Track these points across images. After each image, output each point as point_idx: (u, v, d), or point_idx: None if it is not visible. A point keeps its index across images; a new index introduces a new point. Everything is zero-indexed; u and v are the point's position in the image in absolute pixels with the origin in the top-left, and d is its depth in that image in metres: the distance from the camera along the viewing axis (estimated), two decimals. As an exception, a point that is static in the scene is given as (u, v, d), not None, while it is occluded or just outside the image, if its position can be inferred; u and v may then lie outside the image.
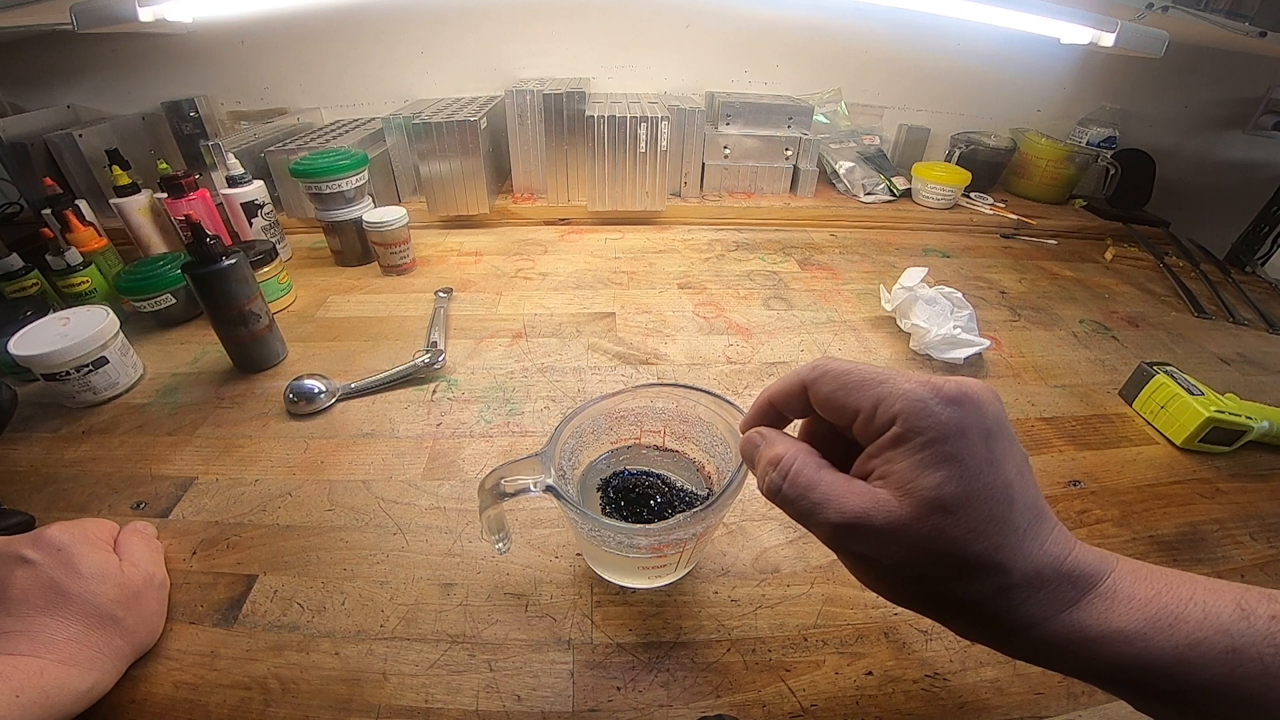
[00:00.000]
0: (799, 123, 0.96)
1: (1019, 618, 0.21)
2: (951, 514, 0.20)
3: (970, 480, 0.20)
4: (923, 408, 0.21)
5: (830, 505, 0.22)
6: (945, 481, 0.20)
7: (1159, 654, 0.20)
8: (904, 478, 0.21)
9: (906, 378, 0.22)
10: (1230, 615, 0.20)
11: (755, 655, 0.35)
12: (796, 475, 0.23)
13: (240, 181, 0.74)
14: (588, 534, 0.33)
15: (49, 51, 0.93)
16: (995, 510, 0.21)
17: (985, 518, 0.20)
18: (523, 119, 0.88)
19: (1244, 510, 0.46)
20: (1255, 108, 1.07)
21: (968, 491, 0.20)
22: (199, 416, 0.52)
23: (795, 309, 0.70)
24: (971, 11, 0.78)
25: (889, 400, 0.22)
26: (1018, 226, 0.97)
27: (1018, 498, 0.21)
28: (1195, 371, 0.55)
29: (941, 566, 0.21)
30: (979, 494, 0.20)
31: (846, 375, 0.23)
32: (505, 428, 0.51)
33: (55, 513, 0.36)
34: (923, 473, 0.21)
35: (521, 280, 0.75)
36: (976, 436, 0.21)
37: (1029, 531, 0.21)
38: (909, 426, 0.21)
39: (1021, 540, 0.21)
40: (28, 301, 0.60)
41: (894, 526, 0.21)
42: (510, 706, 0.32)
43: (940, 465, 0.21)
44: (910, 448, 0.21)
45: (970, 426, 0.21)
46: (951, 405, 0.21)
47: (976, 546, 0.20)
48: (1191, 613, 0.20)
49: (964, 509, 0.20)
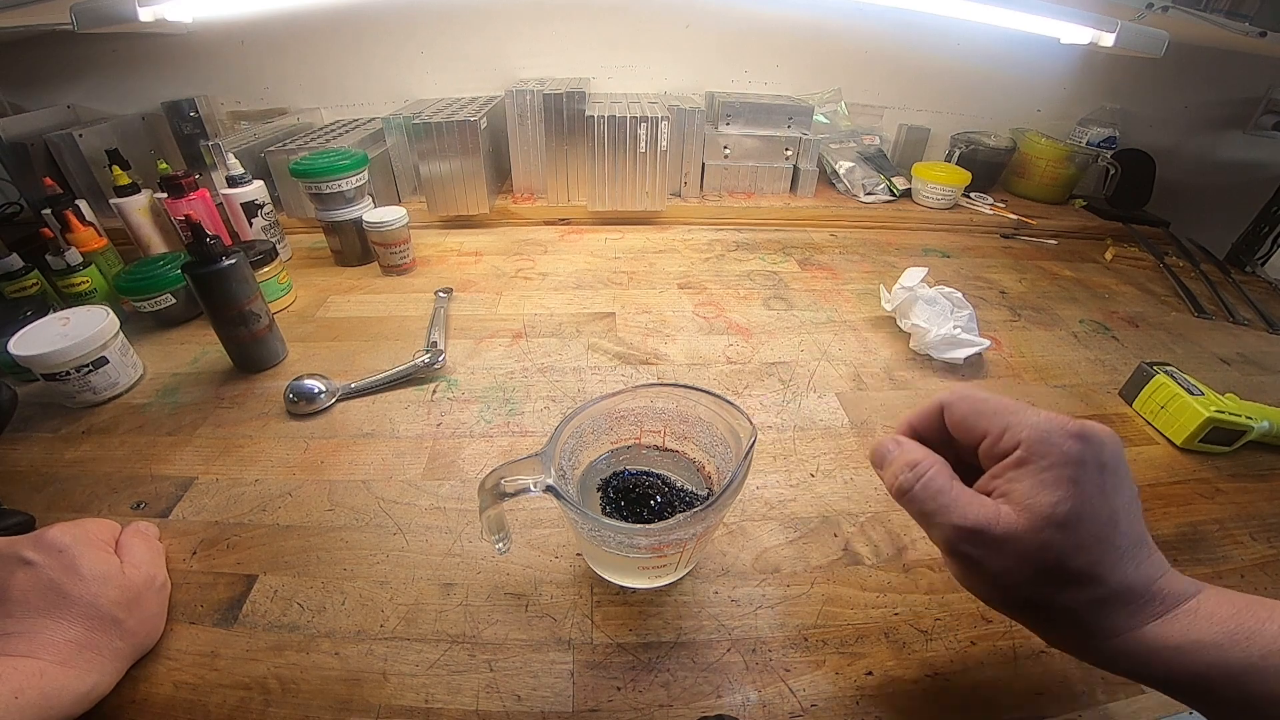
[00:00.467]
0: (799, 123, 0.96)
1: (1107, 625, 0.24)
2: (1062, 529, 0.24)
3: (1082, 504, 0.24)
4: (1047, 437, 0.25)
5: (956, 510, 0.26)
6: (1060, 501, 0.24)
7: (1232, 663, 0.22)
8: (1024, 495, 0.24)
9: (1035, 411, 0.26)
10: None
11: (755, 655, 0.35)
12: (931, 480, 0.27)
13: (240, 181, 0.74)
14: (588, 534, 0.33)
15: (49, 51, 0.93)
16: (1100, 531, 0.24)
17: (1091, 536, 0.24)
18: (523, 119, 0.88)
19: (1244, 510, 0.46)
20: (1255, 108, 1.07)
21: (1079, 513, 0.24)
22: (199, 416, 0.52)
23: (795, 309, 0.70)
24: (971, 11, 0.78)
25: (1017, 428, 0.25)
26: (1018, 226, 0.97)
27: (1121, 524, 0.24)
28: (1195, 371, 0.55)
29: (1045, 575, 0.24)
30: (1088, 516, 0.24)
31: (982, 401, 0.28)
32: (505, 428, 0.51)
33: (55, 513, 0.36)
34: (1041, 492, 0.24)
35: (521, 280, 0.75)
36: (1093, 468, 0.24)
37: (1128, 553, 0.24)
38: (1032, 451, 0.25)
39: (1120, 559, 0.24)
40: (28, 301, 0.60)
41: (1010, 536, 0.24)
42: (510, 706, 0.32)
43: (1057, 487, 0.24)
44: (1032, 469, 0.25)
45: (1088, 459, 0.24)
46: (1073, 439, 0.24)
47: (1079, 560, 0.24)
48: (1268, 629, 0.22)
49: (1073, 527, 0.24)
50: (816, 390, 0.57)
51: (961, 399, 0.28)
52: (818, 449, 0.50)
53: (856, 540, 0.42)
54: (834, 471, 0.47)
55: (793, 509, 0.44)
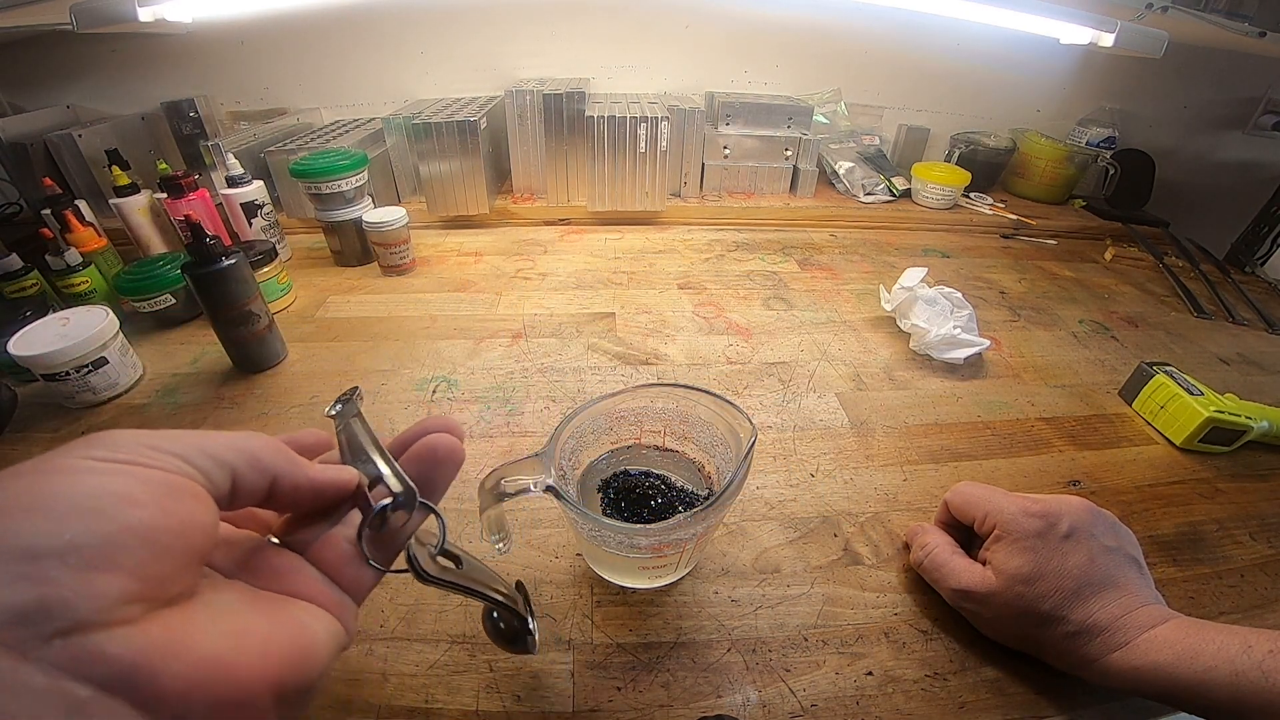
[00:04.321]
0: (799, 123, 0.96)
1: (1086, 654, 0.31)
2: (1026, 584, 0.32)
3: (1042, 564, 0.32)
4: (1012, 520, 0.34)
5: (952, 577, 0.35)
6: (1023, 565, 0.32)
7: (1185, 679, 0.28)
8: (999, 562, 0.34)
9: (1009, 499, 0.35)
10: (1236, 649, 0.27)
11: (755, 655, 0.35)
12: (935, 555, 0.37)
13: (240, 181, 0.74)
14: (588, 534, 0.33)
15: (49, 51, 0.92)
16: (1060, 583, 0.32)
17: (1050, 588, 0.32)
18: (522, 119, 0.88)
19: (1244, 510, 0.46)
20: (1255, 108, 1.07)
21: (1039, 571, 0.32)
22: (199, 417, 0.52)
23: (795, 309, 0.70)
24: (971, 11, 0.78)
25: (995, 514, 0.35)
26: (1017, 226, 0.97)
27: (1081, 576, 0.32)
28: (1195, 371, 0.55)
29: (1024, 618, 0.32)
30: (1048, 572, 0.32)
31: (969, 494, 0.38)
32: (505, 428, 0.51)
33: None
34: (1011, 559, 0.33)
35: (521, 280, 0.75)
36: (1052, 538, 0.33)
37: (1091, 598, 0.31)
38: (1005, 530, 0.34)
39: (1082, 603, 0.31)
40: (27, 302, 0.60)
41: (991, 593, 0.33)
42: (510, 707, 0.32)
43: (1021, 555, 0.33)
44: (1005, 542, 0.34)
45: (1046, 531, 0.33)
46: (1033, 518, 0.33)
47: (1044, 606, 0.32)
48: (1207, 649, 0.28)
49: (1034, 582, 0.32)
50: (816, 390, 0.57)
51: (955, 494, 0.39)
52: (818, 449, 0.50)
53: (856, 540, 0.42)
54: (834, 471, 0.47)
55: (793, 509, 0.44)
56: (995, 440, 0.52)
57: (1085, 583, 0.31)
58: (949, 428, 0.53)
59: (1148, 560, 0.41)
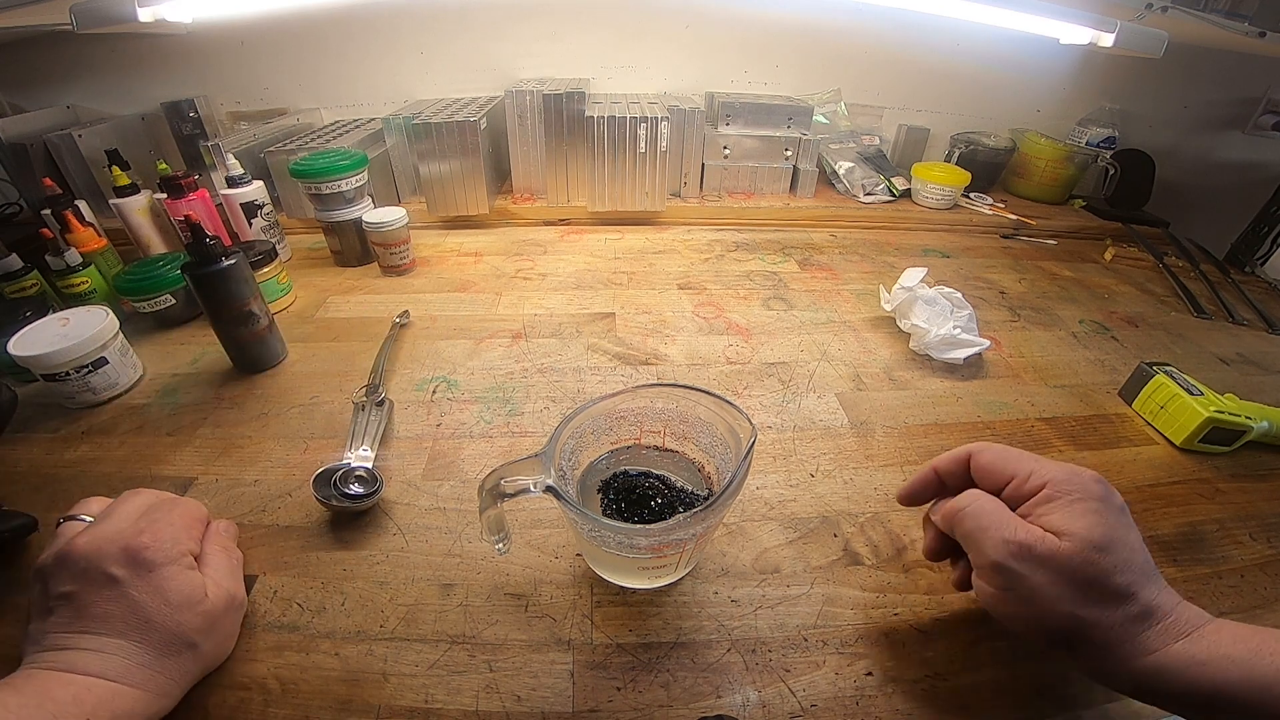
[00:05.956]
0: (799, 123, 0.96)
1: (1140, 643, 0.27)
2: (1101, 551, 0.27)
3: (1112, 530, 0.28)
4: (1073, 475, 0.29)
5: (1007, 527, 0.29)
6: (1095, 527, 0.28)
7: (1257, 676, 0.24)
8: (1058, 524, 0.28)
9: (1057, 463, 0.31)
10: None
11: (755, 655, 0.35)
12: (986, 500, 0.31)
13: (240, 182, 0.74)
14: (588, 534, 0.33)
15: (49, 51, 0.92)
16: (1133, 555, 0.28)
17: (1127, 559, 0.27)
18: (522, 119, 0.88)
19: (1244, 510, 0.46)
20: (1255, 108, 1.07)
21: (1112, 538, 0.28)
22: (199, 417, 0.52)
23: (795, 309, 0.70)
24: (971, 11, 0.78)
25: (1041, 472, 0.30)
26: (1017, 227, 0.97)
27: (1143, 553, 0.28)
28: (1195, 371, 0.55)
29: (1086, 591, 0.27)
30: (1120, 540, 0.28)
31: (1008, 451, 0.32)
32: (505, 428, 0.51)
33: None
34: (1075, 520, 0.28)
35: (521, 280, 0.75)
36: (1114, 504, 0.29)
37: (1154, 578, 0.28)
38: (1059, 489, 0.29)
39: (1149, 581, 0.28)
40: (27, 302, 0.60)
41: (1052, 555, 0.28)
42: (510, 707, 0.32)
43: (1088, 515, 0.28)
44: (1062, 503, 0.29)
45: (1109, 496, 0.29)
46: (1095, 481, 0.29)
47: (1120, 579, 0.27)
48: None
49: (1112, 549, 0.27)
50: (816, 390, 0.57)
51: (988, 448, 0.33)
52: (817, 449, 0.50)
53: (856, 540, 0.42)
54: (834, 472, 0.47)
55: (793, 509, 0.44)
56: (995, 441, 0.52)
57: (1148, 561, 0.28)
58: (949, 428, 0.53)
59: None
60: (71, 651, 0.28)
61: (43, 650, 0.29)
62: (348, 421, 0.50)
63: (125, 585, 0.30)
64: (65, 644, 0.29)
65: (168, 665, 0.30)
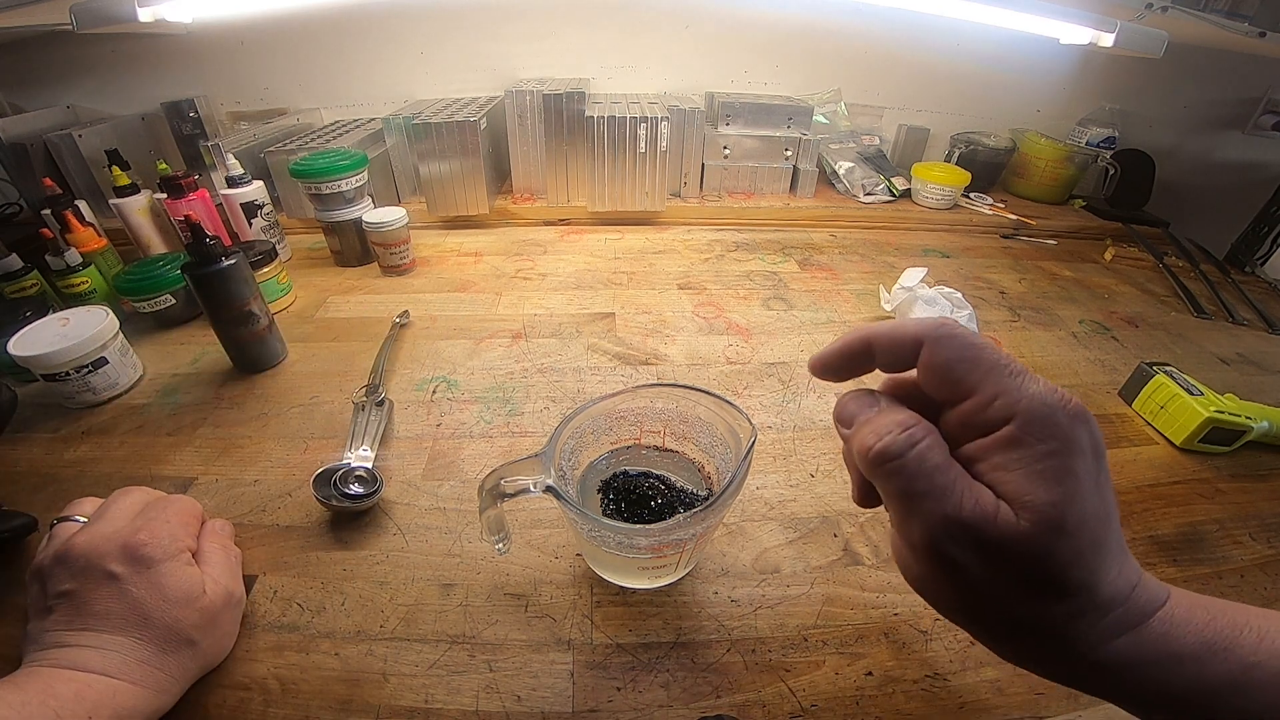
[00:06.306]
0: (799, 123, 0.96)
1: (1088, 639, 0.21)
2: (1067, 536, 0.19)
3: (1084, 501, 0.20)
4: (1048, 414, 0.20)
5: (951, 497, 0.20)
6: (1064, 501, 0.19)
7: (1213, 678, 0.20)
8: (1020, 489, 0.20)
9: (1033, 378, 0.21)
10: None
11: (755, 655, 0.35)
12: (929, 450, 0.21)
13: (240, 182, 0.74)
14: (588, 534, 0.33)
15: (49, 51, 0.92)
16: (1098, 534, 0.20)
17: (1090, 542, 0.20)
18: (522, 119, 0.88)
19: (1244, 510, 0.46)
20: (1255, 108, 1.07)
21: (1081, 514, 0.20)
22: (199, 417, 0.52)
23: (795, 309, 0.70)
24: (971, 11, 0.78)
25: (1013, 395, 0.20)
26: (1017, 227, 0.97)
27: (1113, 521, 0.21)
28: (1195, 371, 0.55)
29: (1036, 586, 0.20)
30: (1089, 516, 0.20)
31: (977, 350, 0.21)
32: (505, 428, 0.51)
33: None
34: (1040, 485, 0.19)
35: (521, 280, 0.75)
36: (1092, 457, 0.20)
37: (1116, 556, 0.21)
38: (1029, 431, 0.20)
39: (1110, 565, 0.21)
40: (27, 302, 0.60)
41: (1006, 540, 0.19)
42: (510, 707, 0.32)
43: (1061, 480, 0.19)
44: (1028, 454, 0.20)
45: (1088, 445, 0.20)
46: (1075, 420, 0.20)
47: (1078, 571, 0.20)
48: (1246, 638, 0.20)
49: (1074, 532, 0.19)
50: (816, 390, 0.56)
51: (952, 338, 0.21)
52: (818, 449, 0.50)
53: (856, 540, 0.42)
54: (834, 471, 0.47)
55: (793, 509, 0.44)
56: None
57: (1114, 531, 0.21)
58: (949, 428, 0.53)
59: (1148, 561, 0.42)
60: (72, 649, 0.28)
61: (43, 648, 0.29)
62: (348, 421, 0.50)
63: (125, 582, 0.30)
64: (66, 641, 0.29)
65: (167, 662, 0.30)
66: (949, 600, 0.23)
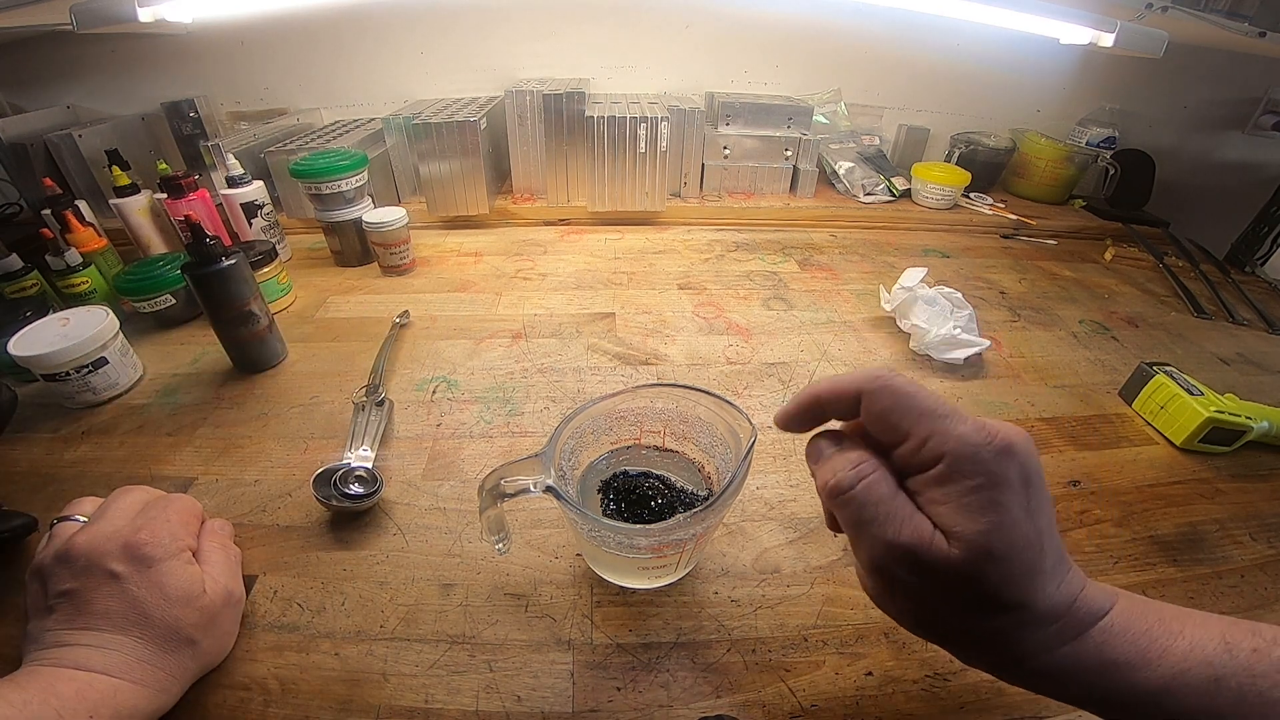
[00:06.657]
0: (799, 123, 0.96)
1: (1029, 647, 0.23)
2: (996, 561, 0.22)
3: (1012, 529, 0.22)
4: (973, 454, 0.22)
5: (892, 524, 0.23)
6: (991, 530, 0.22)
7: (1146, 684, 0.22)
8: (952, 520, 0.22)
9: (963, 419, 0.23)
10: (1214, 648, 0.22)
11: (755, 655, 0.35)
12: (874, 484, 0.24)
13: (240, 182, 0.74)
14: (588, 534, 0.33)
15: (49, 51, 0.92)
16: (1030, 558, 0.22)
17: (1022, 565, 0.22)
18: (522, 119, 0.88)
19: (1244, 510, 0.46)
20: (1255, 108, 1.07)
21: (1010, 541, 0.22)
22: (199, 417, 0.52)
23: (795, 309, 0.70)
24: (971, 11, 0.78)
25: (941, 437, 0.22)
26: (1017, 227, 0.97)
27: (1047, 545, 0.23)
28: (1195, 371, 0.55)
29: (974, 604, 0.23)
30: (1019, 543, 0.22)
31: (908, 398, 0.24)
32: (505, 428, 0.51)
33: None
34: (969, 517, 0.22)
35: (521, 280, 0.75)
36: (1018, 487, 0.22)
37: (1052, 575, 0.23)
38: (956, 469, 0.22)
39: (1046, 582, 0.23)
40: (27, 302, 0.60)
41: (942, 564, 0.22)
42: (510, 707, 0.32)
43: (986, 511, 0.22)
44: (957, 489, 0.22)
45: (1014, 477, 0.22)
46: (1000, 455, 0.22)
47: (1011, 591, 0.22)
48: (1179, 645, 0.22)
49: (1006, 558, 0.22)
50: (816, 390, 0.56)
51: (885, 389, 0.24)
52: (817, 449, 0.50)
53: (856, 540, 0.42)
54: (834, 472, 0.47)
55: (793, 509, 0.44)
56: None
57: (1049, 553, 0.23)
58: (949, 428, 0.53)
59: (1148, 560, 0.42)
60: (74, 648, 0.28)
61: (44, 648, 0.29)
62: (348, 421, 0.50)
63: (125, 581, 0.30)
64: (67, 640, 0.29)
65: (168, 661, 0.30)
66: (900, 612, 0.26)
